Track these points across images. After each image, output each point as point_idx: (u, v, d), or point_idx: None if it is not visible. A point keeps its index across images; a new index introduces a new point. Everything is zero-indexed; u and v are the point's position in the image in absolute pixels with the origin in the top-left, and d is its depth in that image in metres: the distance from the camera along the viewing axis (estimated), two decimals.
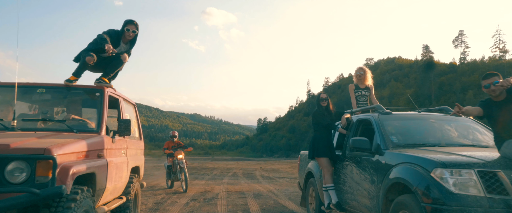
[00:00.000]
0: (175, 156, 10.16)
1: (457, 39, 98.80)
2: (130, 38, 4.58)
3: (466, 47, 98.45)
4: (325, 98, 5.29)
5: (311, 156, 5.21)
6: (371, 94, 6.07)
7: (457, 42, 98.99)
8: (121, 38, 4.53)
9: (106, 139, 3.88)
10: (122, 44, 4.58)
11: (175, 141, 10.85)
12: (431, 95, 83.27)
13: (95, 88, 4.24)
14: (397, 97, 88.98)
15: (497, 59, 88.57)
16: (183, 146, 10.83)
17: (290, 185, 12.19)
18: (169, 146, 10.79)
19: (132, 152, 5.08)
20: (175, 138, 10.93)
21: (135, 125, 5.61)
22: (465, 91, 75.65)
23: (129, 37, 4.56)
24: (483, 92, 3.51)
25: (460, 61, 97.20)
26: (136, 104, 5.84)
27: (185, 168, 10.10)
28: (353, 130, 4.95)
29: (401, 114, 4.80)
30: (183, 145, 10.89)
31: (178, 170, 10.11)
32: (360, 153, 4.45)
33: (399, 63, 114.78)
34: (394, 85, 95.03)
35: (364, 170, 4.26)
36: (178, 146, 10.72)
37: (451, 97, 77.32)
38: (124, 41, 4.59)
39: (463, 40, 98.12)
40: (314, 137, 5.18)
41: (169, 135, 11.17)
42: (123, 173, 4.51)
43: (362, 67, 6.09)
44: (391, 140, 4.10)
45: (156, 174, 16.99)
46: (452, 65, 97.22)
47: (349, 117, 5.25)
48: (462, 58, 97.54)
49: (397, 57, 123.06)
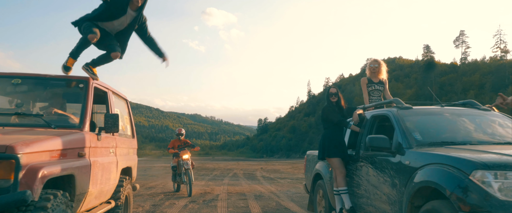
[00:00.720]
0: (180, 156, 9.19)
1: (458, 39, 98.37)
2: (139, 4, 4.02)
3: (467, 47, 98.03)
4: (335, 93, 4.80)
5: (321, 157, 4.71)
6: (385, 89, 5.58)
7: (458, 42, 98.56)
8: (129, 4, 3.99)
9: (89, 136, 3.39)
10: (130, 11, 4.04)
11: (182, 140, 9.85)
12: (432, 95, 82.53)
13: (78, 79, 3.75)
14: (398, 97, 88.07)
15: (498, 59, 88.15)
16: (190, 145, 9.83)
17: (291, 186, 11.84)
18: (175, 145, 9.84)
19: (123, 151, 4.59)
20: (181, 136, 9.89)
21: (127, 121, 5.12)
22: (466, 91, 75.23)
23: (137, 3, 4.00)
24: (484, 93, 3.01)
25: (461, 61, 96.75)
26: (128, 100, 5.35)
27: (191, 170, 9.03)
28: (368, 127, 4.45)
29: (423, 109, 4.29)
30: (190, 144, 9.88)
31: (183, 172, 9.09)
32: (378, 153, 3.97)
33: (400, 63, 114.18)
34: (395, 85, 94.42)
35: (382, 171, 3.77)
36: (184, 145, 9.74)
37: (452, 98, 76.87)
38: (133, 8, 4.04)
39: (464, 40, 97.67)
40: (324, 136, 4.69)
41: (175, 132, 10.12)
42: (111, 175, 4.02)
43: (376, 59, 5.59)
44: (414, 137, 3.61)
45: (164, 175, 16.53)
46: (453, 65, 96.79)
47: (362, 113, 4.77)
48: (463, 58, 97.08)
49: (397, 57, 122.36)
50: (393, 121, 3.95)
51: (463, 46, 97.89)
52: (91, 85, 3.73)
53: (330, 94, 4.79)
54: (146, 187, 11.27)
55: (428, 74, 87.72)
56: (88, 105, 3.55)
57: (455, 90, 78.82)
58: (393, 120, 3.95)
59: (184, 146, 9.68)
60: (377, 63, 5.52)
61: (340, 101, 4.83)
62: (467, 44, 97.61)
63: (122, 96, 5.01)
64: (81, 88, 3.66)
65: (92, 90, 3.70)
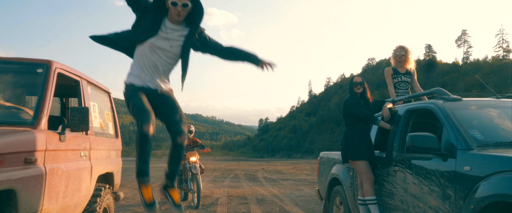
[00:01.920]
0: (187, 158, 7.53)
1: (460, 39, 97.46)
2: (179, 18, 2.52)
3: (469, 47, 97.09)
4: (361, 82, 3.95)
5: (344, 159, 3.87)
6: (413, 80, 4.75)
7: (460, 41, 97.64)
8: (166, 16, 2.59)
9: (44, 135, 2.55)
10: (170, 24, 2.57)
11: (191, 138, 8.21)
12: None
13: (36, 63, 2.91)
14: None
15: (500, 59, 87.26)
16: (199, 145, 8.22)
17: (295, 189, 11.24)
18: None
19: (101, 154, 3.76)
20: (190, 134, 8.23)
21: (109, 118, 4.29)
22: (468, 91, 74.44)
23: (177, 17, 2.51)
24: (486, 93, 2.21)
25: (463, 60, 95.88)
26: (111, 93, 4.52)
27: (199, 175, 7.40)
28: (402, 124, 3.61)
29: (476, 101, 3.43)
30: (199, 144, 8.25)
31: (189, 178, 7.49)
32: (420, 155, 3.14)
33: None
34: None
35: (428, 179, 2.93)
36: (194, 145, 8.17)
37: None
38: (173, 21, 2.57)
39: (466, 39, 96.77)
40: (348, 134, 3.84)
41: None
42: (83, 184, 3.19)
43: (402, 46, 4.73)
44: (473, 136, 2.77)
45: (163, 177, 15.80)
46: (455, 65, 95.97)
47: (393, 107, 3.93)
48: (465, 57, 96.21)
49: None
50: (440, 115, 3.10)
51: (465, 45, 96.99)
52: (54, 71, 2.89)
53: (354, 83, 3.95)
54: None
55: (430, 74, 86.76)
56: (47, 96, 2.72)
57: (457, 90, 78.00)
58: (440, 114, 3.11)
59: (193, 146, 8.13)
60: (404, 50, 4.68)
61: (365, 92, 3.99)
62: (469, 43, 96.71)
63: (102, 88, 4.18)
64: (39, 74, 2.83)
65: (53, 77, 2.86)
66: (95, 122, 3.72)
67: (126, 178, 15.38)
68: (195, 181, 7.32)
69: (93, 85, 3.84)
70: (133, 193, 9.95)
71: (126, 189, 10.86)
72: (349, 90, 4.00)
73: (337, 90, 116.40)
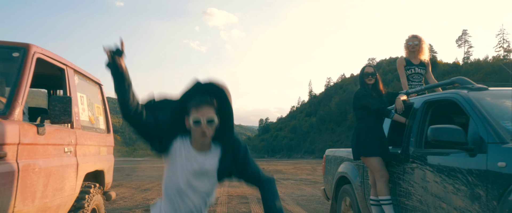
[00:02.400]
0: None
1: (461, 39, 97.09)
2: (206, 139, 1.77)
3: (470, 47, 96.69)
4: (372, 73, 3.62)
5: (356, 156, 3.54)
6: (427, 71, 4.43)
7: (460, 41, 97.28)
8: None
9: (17, 127, 2.22)
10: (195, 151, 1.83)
11: None
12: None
13: (12, 46, 2.59)
14: None
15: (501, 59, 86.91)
16: None
17: (296, 188, 11.07)
18: None
19: (90, 150, 3.44)
20: None
21: (100, 112, 3.97)
22: None
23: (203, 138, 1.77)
24: None
25: (464, 60, 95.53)
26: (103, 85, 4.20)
27: None
28: (419, 116, 3.29)
29: (504, 91, 3.09)
30: None
31: None
32: (442, 150, 2.82)
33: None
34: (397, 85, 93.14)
35: (452, 177, 2.61)
36: None
37: None
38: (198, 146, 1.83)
39: (466, 39, 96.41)
40: (359, 129, 3.52)
41: None
42: (66, 183, 2.87)
43: (416, 35, 4.39)
44: (506, 128, 2.45)
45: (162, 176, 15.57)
46: (456, 65, 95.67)
47: (407, 100, 3.61)
48: (465, 57, 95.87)
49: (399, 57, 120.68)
50: (465, 106, 2.77)
51: (465, 45, 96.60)
52: (32, 56, 2.57)
53: (365, 74, 3.62)
54: (141, 189, 10.62)
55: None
56: (23, 83, 2.40)
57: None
58: (465, 105, 2.78)
59: None
60: (417, 39, 4.34)
61: (378, 83, 3.66)
62: (469, 43, 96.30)
63: (93, 79, 3.86)
64: (15, 58, 2.50)
65: (32, 62, 2.54)
66: (83, 115, 3.40)
67: (125, 178, 15.12)
68: None
69: (82, 75, 3.52)
70: (131, 192, 9.67)
71: (124, 189, 10.59)
72: (360, 81, 3.67)
73: (337, 90, 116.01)
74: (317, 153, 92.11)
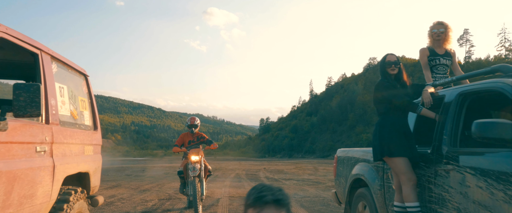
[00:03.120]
0: (188, 157, 6.15)
1: (462, 38, 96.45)
2: None
3: (471, 46, 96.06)
4: (395, 62, 3.16)
5: (378, 156, 3.07)
6: (453, 62, 3.96)
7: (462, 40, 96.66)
8: None
9: None
10: None
11: (195, 133, 6.77)
12: None
13: None
14: None
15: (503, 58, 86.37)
16: (205, 141, 6.76)
17: (299, 189, 10.64)
18: (185, 141, 6.74)
19: (72, 149, 2.98)
20: (195, 128, 6.75)
21: (85, 106, 3.51)
22: None
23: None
24: None
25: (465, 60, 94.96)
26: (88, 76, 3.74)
27: (203, 178, 6.18)
28: (453, 111, 2.83)
29: None
30: (206, 140, 6.78)
31: (190, 181, 6.07)
32: (485, 150, 2.37)
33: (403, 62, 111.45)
34: None
35: (503, 181, 2.16)
36: (198, 141, 6.74)
37: None
38: None
39: (468, 38, 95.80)
40: (382, 125, 3.05)
41: (187, 124, 6.89)
42: (39, 188, 2.41)
43: (441, 21, 3.91)
44: None
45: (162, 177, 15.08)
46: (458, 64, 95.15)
47: (435, 92, 3.15)
48: (467, 57, 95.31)
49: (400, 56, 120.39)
50: None
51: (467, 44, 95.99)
52: None
53: (387, 63, 3.14)
54: (139, 190, 10.13)
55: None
56: None
57: None
58: None
59: (198, 142, 6.71)
60: (443, 26, 3.86)
61: (401, 73, 3.20)
62: (471, 42, 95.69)
63: (76, 69, 3.40)
64: None
65: None
66: (63, 109, 2.94)
67: (125, 178, 14.71)
68: (193, 185, 5.79)
69: (62, 63, 3.06)
70: (130, 194, 9.22)
71: (122, 189, 10.17)
72: (381, 71, 3.21)
73: (338, 89, 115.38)
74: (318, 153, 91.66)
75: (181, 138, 6.79)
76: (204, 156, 6.37)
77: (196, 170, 5.88)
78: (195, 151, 6.16)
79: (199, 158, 6.08)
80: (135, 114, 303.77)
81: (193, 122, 6.80)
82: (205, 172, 6.48)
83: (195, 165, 5.94)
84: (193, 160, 6.03)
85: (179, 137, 6.83)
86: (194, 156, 6.04)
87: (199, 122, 6.93)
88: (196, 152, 6.12)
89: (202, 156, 6.21)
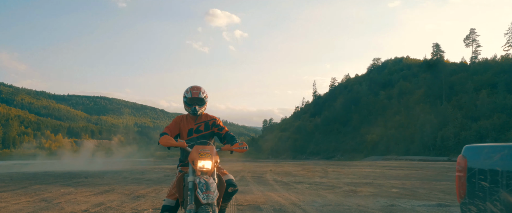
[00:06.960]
0: (190, 161, 3.32)
1: (468, 38, 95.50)
2: None
3: (478, 46, 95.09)
4: None
5: None
6: None
7: (468, 40, 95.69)
8: None
9: None
10: None
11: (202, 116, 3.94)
12: (442, 94, 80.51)
13: None
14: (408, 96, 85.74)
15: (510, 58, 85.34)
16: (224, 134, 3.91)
17: (315, 194, 9.39)
18: (183, 130, 3.88)
19: None
20: (200, 105, 3.86)
21: None
22: (477, 91, 72.68)
23: None
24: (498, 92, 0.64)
25: (472, 60, 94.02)
26: None
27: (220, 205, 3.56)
28: None
29: None
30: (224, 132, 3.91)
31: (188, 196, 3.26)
32: None
33: (407, 63, 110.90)
34: (403, 84, 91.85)
35: None
36: (209, 130, 3.91)
37: (462, 97, 74.33)
38: None
39: (474, 38, 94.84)
40: None
41: (185, 97, 3.86)
42: None
43: None
44: None
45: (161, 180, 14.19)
46: (463, 64, 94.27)
47: None
48: (473, 57, 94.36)
49: (405, 57, 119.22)
50: None
51: (473, 44, 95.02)
52: None
53: None
54: (133, 196, 8.92)
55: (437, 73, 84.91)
56: None
57: (466, 90, 76.24)
58: None
59: (207, 133, 3.90)
60: None
61: None
62: (477, 42, 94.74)
63: None
64: None
65: None
66: None
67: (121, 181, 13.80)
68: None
69: None
70: (121, 201, 7.99)
71: (114, 195, 9.01)
72: None
73: (342, 90, 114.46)
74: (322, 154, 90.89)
75: (175, 124, 3.84)
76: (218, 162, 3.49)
77: (211, 191, 3.10)
78: (206, 151, 3.32)
79: (212, 164, 3.31)
80: (138, 115, 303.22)
81: (196, 94, 3.81)
82: (222, 191, 3.50)
83: (206, 179, 3.17)
84: (202, 167, 3.28)
85: (172, 122, 3.87)
86: (205, 161, 3.28)
87: (207, 95, 3.93)
88: (207, 153, 3.31)
89: (217, 162, 3.39)
